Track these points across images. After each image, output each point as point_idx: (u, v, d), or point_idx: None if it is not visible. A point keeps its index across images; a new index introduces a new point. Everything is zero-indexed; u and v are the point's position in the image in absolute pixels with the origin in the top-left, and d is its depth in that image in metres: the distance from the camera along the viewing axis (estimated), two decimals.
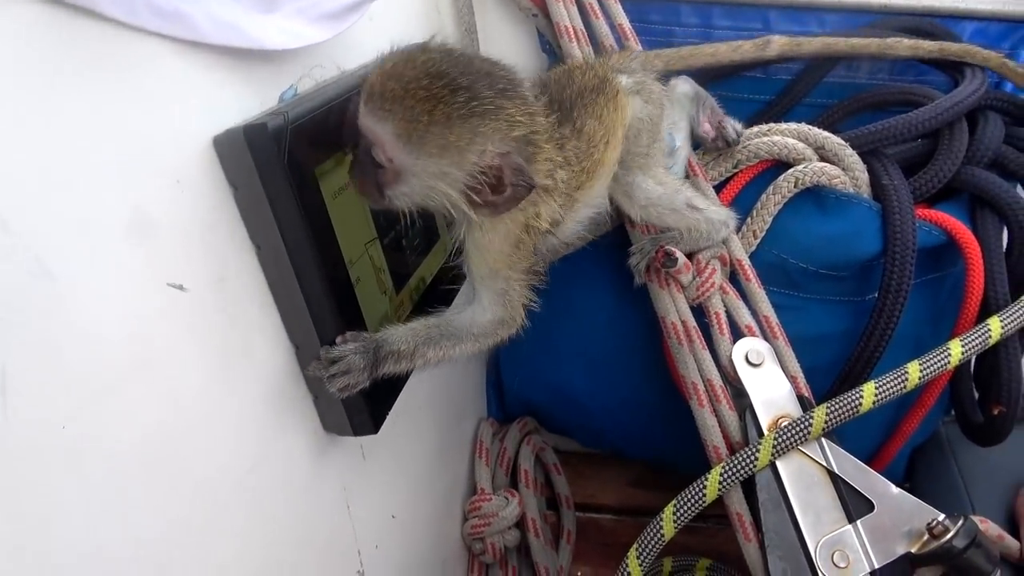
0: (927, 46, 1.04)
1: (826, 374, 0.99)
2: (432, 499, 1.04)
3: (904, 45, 1.04)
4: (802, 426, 0.82)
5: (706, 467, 0.89)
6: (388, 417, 0.78)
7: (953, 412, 1.12)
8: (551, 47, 1.15)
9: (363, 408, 0.72)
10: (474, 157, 0.64)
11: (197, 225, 0.59)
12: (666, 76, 1.01)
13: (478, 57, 0.70)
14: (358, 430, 0.73)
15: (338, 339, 0.68)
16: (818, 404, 0.91)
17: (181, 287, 0.57)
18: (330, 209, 0.69)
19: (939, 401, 1.07)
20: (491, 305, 0.76)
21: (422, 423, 1.01)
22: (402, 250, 0.85)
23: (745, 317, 0.93)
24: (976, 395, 1.07)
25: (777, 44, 1.07)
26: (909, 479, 1.21)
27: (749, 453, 0.82)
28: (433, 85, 0.62)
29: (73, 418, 0.46)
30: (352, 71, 0.83)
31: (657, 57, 1.05)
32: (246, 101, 0.67)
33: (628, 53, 0.98)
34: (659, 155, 0.92)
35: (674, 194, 0.90)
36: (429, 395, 1.04)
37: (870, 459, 1.11)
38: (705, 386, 0.91)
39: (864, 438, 1.09)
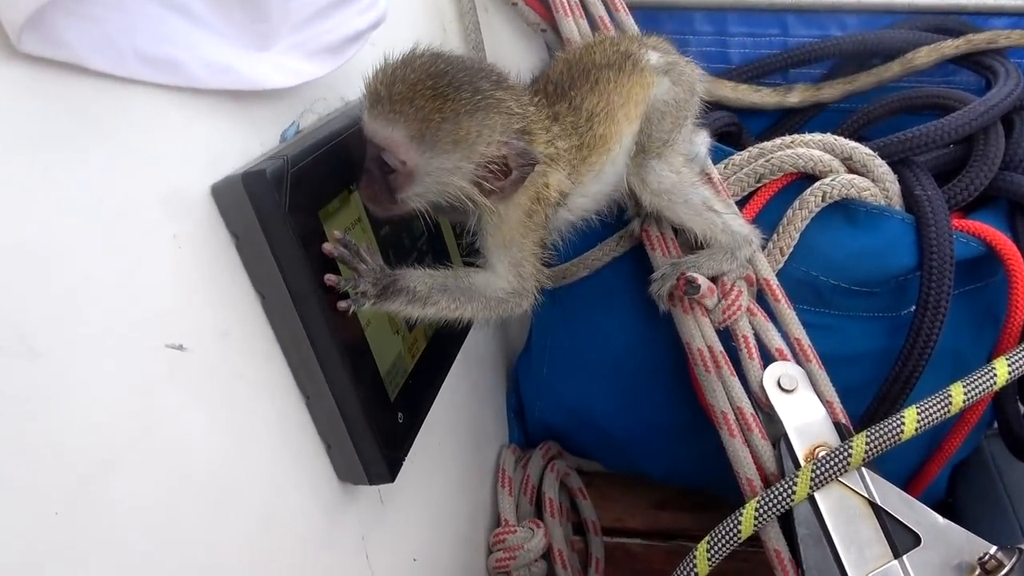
0: (949, 44, 0.99)
1: (861, 394, 0.95)
2: (455, 535, 1.01)
3: (924, 52, 1.00)
4: (841, 456, 0.78)
5: (738, 491, 0.85)
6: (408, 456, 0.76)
7: (997, 426, 1.08)
8: None
9: (378, 455, 0.69)
10: (483, 148, 0.66)
11: (196, 279, 0.56)
12: None
13: (463, 56, 0.71)
14: (374, 479, 0.70)
15: (362, 248, 0.66)
16: (855, 428, 0.88)
17: (181, 347, 0.54)
18: None
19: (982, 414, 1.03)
20: (506, 273, 0.75)
21: (442, 456, 0.98)
22: (419, 268, 0.81)
23: (775, 340, 0.89)
24: (1022, 409, 1.02)
25: (799, 92, 1.08)
26: (950, 495, 1.16)
27: (786, 486, 0.78)
28: (438, 84, 0.64)
29: (69, 502, 0.43)
30: (356, 101, 0.80)
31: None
32: (246, 144, 0.64)
33: (669, 43, 0.95)
34: (680, 144, 0.88)
35: (690, 187, 0.87)
36: (449, 425, 1.01)
37: (910, 480, 1.06)
38: (736, 415, 0.86)
39: (902, 459, 1.04)
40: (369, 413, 0.67)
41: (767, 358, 0.89)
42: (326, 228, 0.65)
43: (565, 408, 1.17)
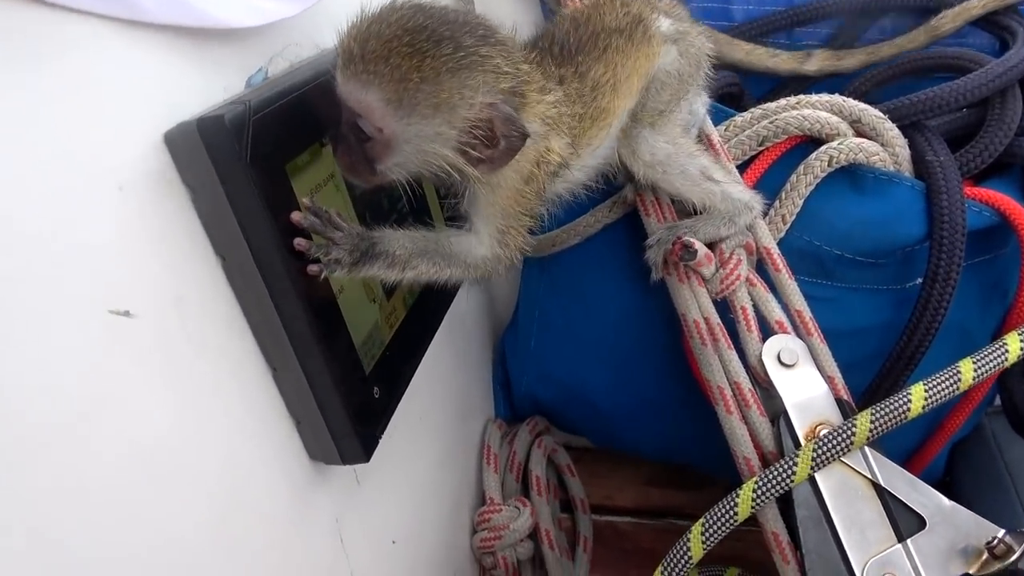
0: (976, 4, 0.93)
1: (864, 370, 0.90)
2: (437, 515, 0.97)
3: (950, 17, 0.94)
4: (844, 435, 0.73)
5: (733, 470, 0.81)
6: (385, 433, 0.71)
7: (999, 403, 1.04)
8: (554, 13, 1.05)
9: (351, 433, 0.64)
10: (465, 112, 0.60)
11: (146, 237, 0.51)
12: None
13: (449, 7, 0.63)
14: (347, 458, 0.65)
15: (334, 215, 0.61)
16: (857, 404, 0.84)
17: (127, 313, 0.48)
18: None
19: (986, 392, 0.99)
20: (489, 241, 0.70)
21: (424, 431, 0.93)
22: (398, 229, 0.76)
23: (775, 312, 0.84)
24: None
25: (818, 59, 1.01)
26: (948, 474, 1.12)
27: (785, 466, 0.74)
28: (416, 40, 0.57)
29: None
30: (331, 50, 0.74)
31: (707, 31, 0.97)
32: (208, 88, 0.58)
33: (681, 6, 0.89)
34: (679, 115, 0.83)
35: (686, 158, 0.82)
36: (432, 398, 0.96)
37: (909, 458, 1.02)
38: (732, 390, 0.82)
39: (902, 436, 0.99)
40: (341, 387, 0.62)
41: (766, 331, 0.84)
42: (294, 184, 0.59)
43: (553, 382, 1.12)
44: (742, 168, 0.91)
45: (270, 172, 0.56)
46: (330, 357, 0.61)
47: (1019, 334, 0.78)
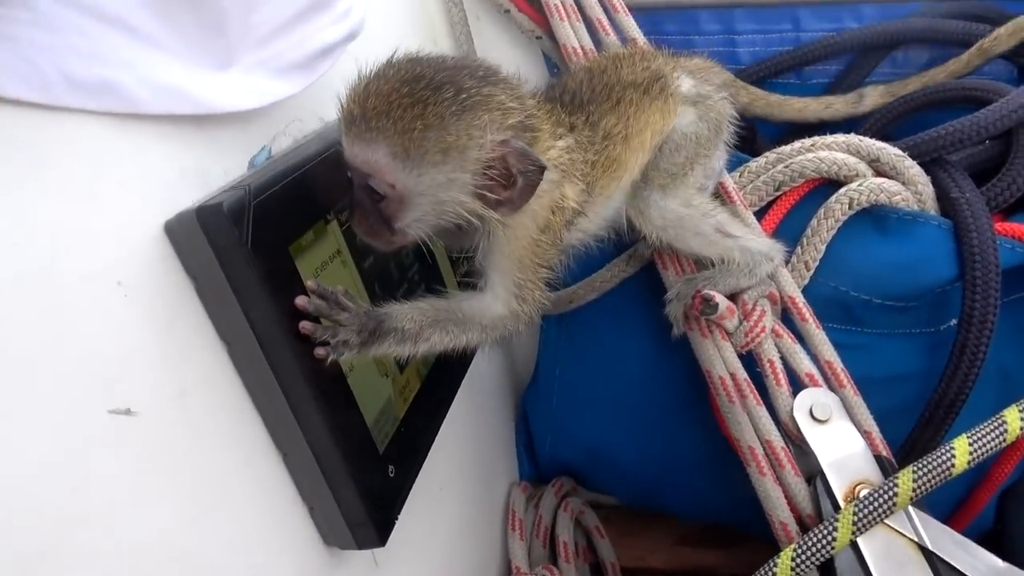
0: None
1: (901, 419, 0.86)
2: None
3: (1006, 32, 0.91)
4: (886, 495, 0.69)
5: (767, 525, 0.77)
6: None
7: None
8: (559, 70, 1.05)
9: (366, 519, 0.61)
10: (476, 153, 0.58)
11: (146, 332, 0.49)
12: None
13: (444, 54, 0.64)
14: (362, 543, 0.63)
15: (340, 294, 0.59)
16: (895, 457, 0.79)
17: (128, 411, 0.47)
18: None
19: None
20: (506, 296, 0.68)
21: (445, 501, 0.90)
22: (406, 302, 0.74)
23: (804, 364, 0.81)
24: None
25: (871, 97, 0.99)
26: (999, 523, 1.06)
27: (825, 531, 0.70)
28: (415, 89, 0.56)
29: None
30: (334, 122, 0.73)
31: (745, 91, 0.98)
32: (208, 174, 0.58)
33: (714, 65, 0.89)
34: (694, 177, 0.81)
35: (701, 218, 0.80)
36: (452, 466, 0.93)
37: (955, 511, 0.97)
38: (764, 449, 0.78)
39: (947, 488, 0.94)
40: (354, 470, 0.59)
41: (796, 385, 0.81)
42: (298, 264, 0.58)
43: (577, 441, 1.09)
44: (760, 214, 0.89)
45: (273, 255, 0.55)
46: (341, 439, 0.59)
47: None
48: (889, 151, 0.85)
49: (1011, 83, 0.94)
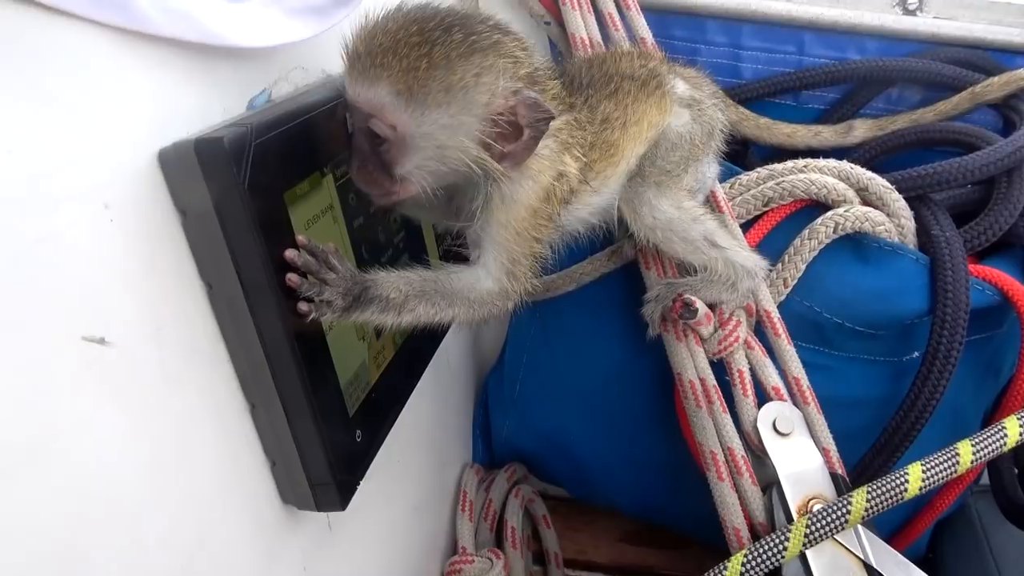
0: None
1: (858, 442, 0.88)
2: (408, 562, 0.92)
3: (999, 83, 0.94)
4: (839, 512, 0.71)
5: (715, 534, 0.78)
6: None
7: (986, 481, 1.02)
8: (563, 59, 1.04)
9: (330, 480, 0.60)
10: (484, 97, 0.57)
11: (129, 261, 0.47)
12: None
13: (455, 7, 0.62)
14: (322, 505, 0.61)
15: (330, 253, 0.57)
16: (850, 478, 0.81)
17: (102, 340, 0.45)
18: None
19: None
20: (497, 272, 0.66)
21: (401, 475, 0.89)
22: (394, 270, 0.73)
23: (772, 377, 0.82)
24: (1016, 470, 0.97)
25: (860, 130, 1.01)
26: (932, 551, 1.10)
27: (776, 540, 0.71)
28: (424, 28, 0.55)
29: None
30: (339, 75, 0.71)
31: (734, 109, 0.99)
32: (207, 107, 0.56)
33: (705, 76, 0.89)
34: (687, 180, 0.82)
35: (691, 223, 0.80)
36: (411, 440, 0.92)
37: (895, 535, 1.00)
38: (725, 455, 0.79)
39: (889, 512, 0.98)
40: (323, 429, 0.58)
41: (762, 397, 0.82)
42: (291, 213, 0.56)
43: (536, 430, 1.09)
44: (746, 227, 0.90)
45: (267, 200, 0.53)
46: (314, 397, 0.57)
47: (1018, 418, 0.76)
48: (878, 181, 0.87)
49: (997, 132, 0.97)
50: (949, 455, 0.74)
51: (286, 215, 0.56)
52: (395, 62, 0.54)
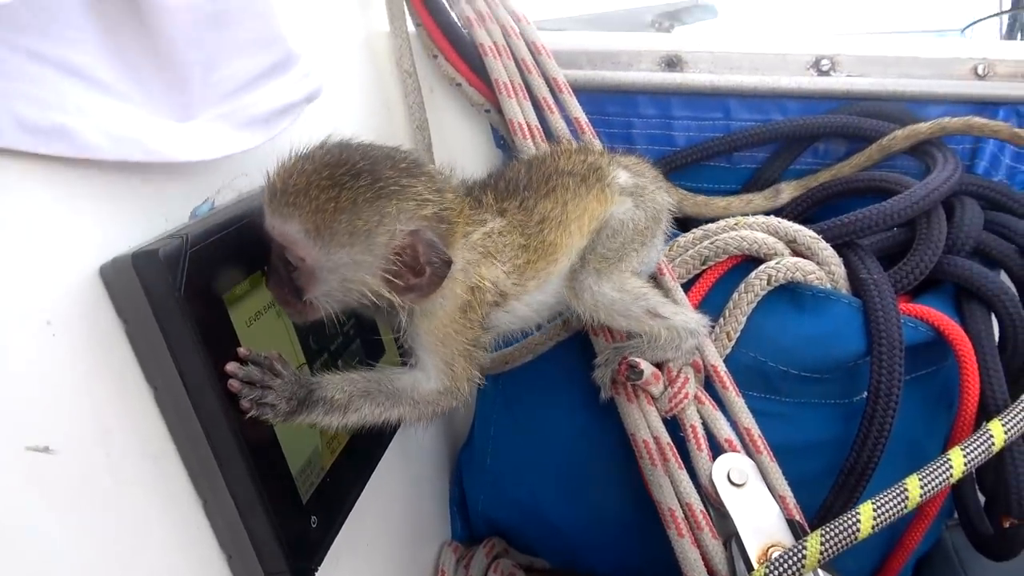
0: (925, 128, 0.99)
1: (817, 486, 0.90)
2: None
3: (902, 136, 1.01)
4: (795, 558, 0.72)
5: None
6: (329, 556, 0.68)
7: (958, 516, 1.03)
8: (505, 142, 1.10)
9: (284, 568, 0.61)
10: (384, 239, 0.62)
11: (73, 371, 0.50)
12: None
13: (377, 144, 0.67)
14: None
15: (274, 360, 0.61)
16: (812, 523, 0.83)
17: (46, 449, 0.47)
18: (242, 337, 0.61)
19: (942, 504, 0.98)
20: (436, 373, 0.70)
21: (372, 557, 0.90)
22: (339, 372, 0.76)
23: (724, 430, 0.84)
24: (982, 499, 0.98)
25: (787, 192, 1.07)
26: None
27: None
28: (335, 173, 0.60)
29: None
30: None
31: (674, 191, 1.02)
32: (149, 221, 0.60)
33: (645, 162, 0.93)
34: (631, 263, 0.83)
35: (632, 301, 0.81)
36: (381, 521, 0.93)
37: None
38: (684, 511, 0.81)
39: (864, 554, 0.99)
40: (274, 519, 0.60)
41: (716, 449, 0.84)
42: (232, 314, 0.60)
43: (510, 501, 1.10)
44: (687, 285, 0.93)
45: (206, 304, 0.57)
46: (264, 487, 0.60)
47: (962, 448, 0.79)
48: (805, 233, 0.91)
49: (918, 177, 1.02)
50: (898, 491, 0.75)
51: (226, 315, 0.59)
52: (306, 203, 0.59)
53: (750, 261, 0.93)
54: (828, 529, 0.73)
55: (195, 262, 0.55)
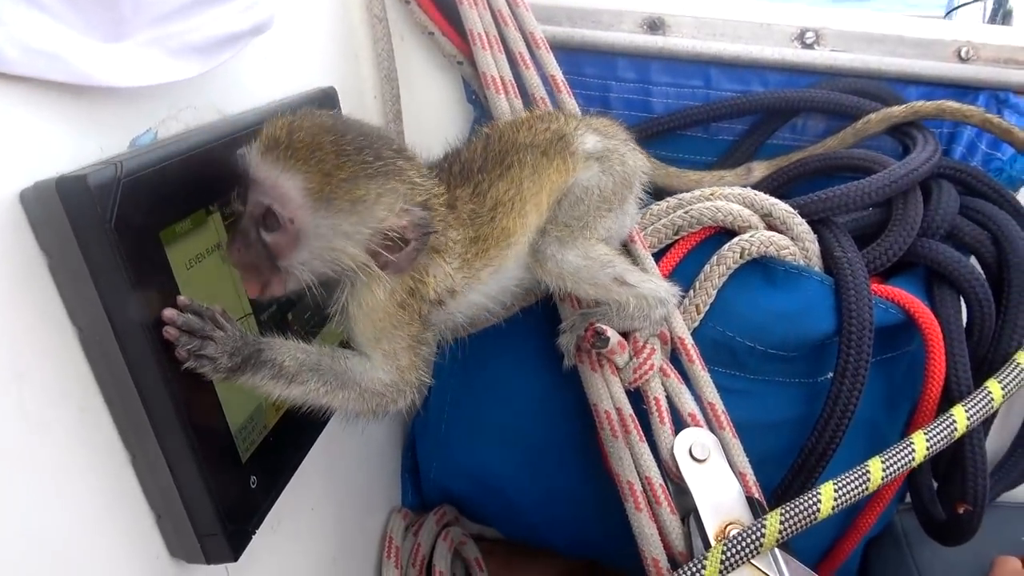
0: (898, 111, 0.98)
1: (777, 464, 0.89)
2: None
3: (876, 119, 0.99)
4: (754, 536, 0.71)
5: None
6: (267, 521, 0.64)
7: (910, 500, 1.04)
8: (477, 97, 1.05)
9: (217, 529, 0.57)
10: (382, 214, 0.61)
11: None
12: None
13: (362, 121, 0.67)
14: (211, 556, 0.59)
15: (218, 314, 0.57)
16: (770, 502, 0.81)
17: None
18: (180, 281, 0.56)
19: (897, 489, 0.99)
20: (382, 364, 0.67)
21: (317, 523, 0.86)
22: (287, 327, 0.71)
23: (688, 404, 0.82)
24: (935, 485, 0.98)
25: (758, 171, 1.04)
26: (862, 573, 1.10)
27: (693, 568, 0.70)
28: (339, 142, 0.59)
29: None
30: (236, 116, 0.71)
31: (644, 157, 0.96)
32: (81, 148, 0.54)
33: (618, 124, 0.89)
34: (598, 230, 0.80)
35: (599, 268, 0.79)
36: (328, 486, 0.89)
37: (823, 558, 1.00)
38: (643, 485, 0.79)
39: (816, 535, 0.97)
40: (209, 477, 0.56)
41: (679, 423, 0.82)
42: (169, 253, 0.55)
43: (463, 470, 1.07)
44: (659, 255, 0.90)
45: (140, 240, 0.52)
46: (198, 443, 0.55)
47: (925, 433, 0.78)
48: (781, 207, 0.89)
49: (895, 157, 1.01)
50: (860, 473, 0.75)
51: (163, 254, 0.54)
52: (314, 162, 0.57)
53: (724, 233, 0.90)
54: (788, 508, 0.72)
55: (130, 193, 0.50)
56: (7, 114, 0.48)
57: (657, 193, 1.01)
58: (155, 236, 0.53)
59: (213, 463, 0.56)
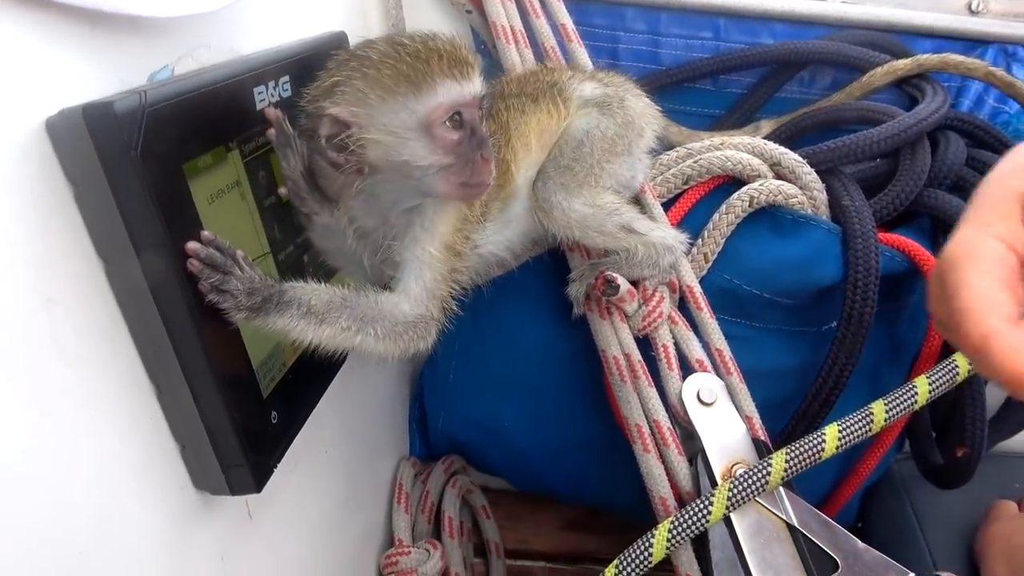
0: (903, 64, 0.98)
1: (781, 410, 0.91)
2: (340, 556, 0.90)
3: (881, 72, 0.99)
4: (759, 475, 0.72)
5: (652, 515, 0.79)
6: (284, 462, 0.65)
7: (908, 448, 1.06)
8: (486, 47, 1.04)
9: (242, 461, 0.58)
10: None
11: (14, 233, 0.45)
12: None
13: None
14: (236, 488, 0.60)
15: (239, 256, 0.56)
16: (774, 446, 0.83)
17: None
18: (203, 215, 0.56)
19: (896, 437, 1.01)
20: (418, 293, 0.67)
21: (331, 465, 0.88)
22: (303, 269, 0.72)
23: (696, 350, 0.83)
24: (933, 434, 1.00)
25: (766, 128, 1.05)
26: (861, 520, 1.13)
27: (701, 506, 0.72)
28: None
29: None
30: (249, 56, 0.70)
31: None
32: (102, 78, 0.53)
33: (621, 75, 0.90)
34: (603, 179, 0.81)
35: (606, 216, 0.79)
36: (341, 430, 0.91)
37: (823, 502, 1.03)
38: (651, 428, 0.80)
39: (816, 480, 1.01)
40: (233, 410, 0.57)
41: (686, 369, 0.83)
42: (192, 186, 0.55)
43: (471, 419, 1.08)
44: (667, 205, 0.91)
45: (165, 171, 0.52)
46: (222, 377, 0.56)
47: (928, 377, 0.79)
48: (790, 156, 0.89)
49: (904, 109, 1.01)
50: (864, 415, 0.76)
51: (186, 187, 0.54)
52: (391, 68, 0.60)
53: (732, 183, 0.91)
54: (793, 448, 0.74)
55: (154, 123, 0.50)
56: (33, 42, 0.47)
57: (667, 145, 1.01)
58: (179, 168, 0.53)
59: (237, 397, 0.57)
